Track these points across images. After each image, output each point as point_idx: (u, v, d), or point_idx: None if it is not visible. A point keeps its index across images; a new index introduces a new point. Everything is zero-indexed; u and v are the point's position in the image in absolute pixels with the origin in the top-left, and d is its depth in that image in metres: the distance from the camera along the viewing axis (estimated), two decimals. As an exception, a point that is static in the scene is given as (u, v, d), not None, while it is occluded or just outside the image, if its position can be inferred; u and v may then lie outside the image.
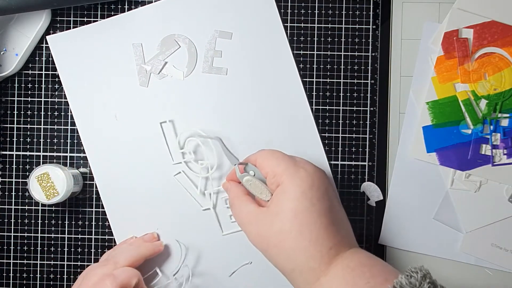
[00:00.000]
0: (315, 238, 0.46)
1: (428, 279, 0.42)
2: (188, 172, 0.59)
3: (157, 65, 0.59)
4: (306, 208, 0.47)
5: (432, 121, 0.58)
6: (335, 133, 0.60)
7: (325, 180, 0.50)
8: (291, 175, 0.48)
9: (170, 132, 0.59)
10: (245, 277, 0.59)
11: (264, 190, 0.51)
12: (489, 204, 0.58)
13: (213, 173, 0.58)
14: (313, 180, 0.48)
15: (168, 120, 0.59)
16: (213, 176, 0.59)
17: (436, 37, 0.59)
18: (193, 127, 0.59)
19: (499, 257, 0.58)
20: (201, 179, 0.59)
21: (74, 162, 0.60)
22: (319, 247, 0.46)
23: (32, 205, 0.60)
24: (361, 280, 0.44)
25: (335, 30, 0.60)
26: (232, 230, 0.59)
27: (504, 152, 0.58)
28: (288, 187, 0.48)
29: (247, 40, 0.59)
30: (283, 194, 0.48)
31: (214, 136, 0.56)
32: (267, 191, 0.50)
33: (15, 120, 0.60)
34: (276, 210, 0.48)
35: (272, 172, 0.49)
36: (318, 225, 0.47)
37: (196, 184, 0.59)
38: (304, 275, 0.46)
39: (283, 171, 0.49)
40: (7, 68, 0.59)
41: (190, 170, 0.59)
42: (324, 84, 0.60)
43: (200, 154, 0.59)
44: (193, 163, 0.59)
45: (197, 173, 0.59)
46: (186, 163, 0.59)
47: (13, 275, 0.59)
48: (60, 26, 0.60)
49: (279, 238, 0.47)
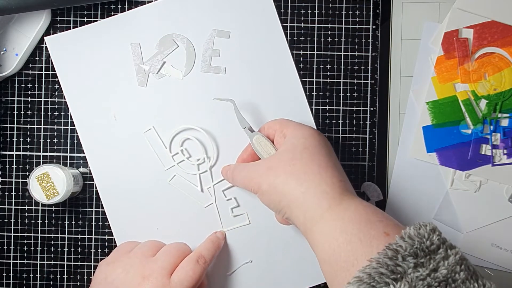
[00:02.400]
0: (325, 166, 0.47)
1: (437, 232, 0.41)
2: (185, 173, 0.59)
3: (156, 64, 0.59)
4: (315, 145, 0.49)
5: (432, 121, 0.58)
6: (335, 133, 0.60)
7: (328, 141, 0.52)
8: (299, 125, 0.52)
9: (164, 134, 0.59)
10: (245, 276, 0.59)
11: (273, 150, 0.53)
12: (489, 204, 0.58)
13: (213, 167, 0.59)
14: (319, 132, 0.52)
15: (153, 127, 0.59)
16: (213, 169, 0.59)
17: (436, 37, 0.59)
18: (190, 126, 0.59)
19: (499, 257, 0.58)
20: (198, 176, 0.59)
21: (74, 162, 0.60)
22: (330, 173, 0.47)
23: (32, 205, 0.60)
24: (374, 217, 0.43)
25: (335, 30, 0.60)
26: (233, 226, 0.59)
27: (504, 152, 0.58)
28: (296, 132, 0.50)
29: (245, 39, 0.59)
30: (292, 136, 0.50)
31: (228, 98, 0.56)
32: (275, 148, 0.53)
33: (15, 120, 0.60)
34: (286, 147, 0.50)
35: (280, 128, 0.52)
36: (327, 159, 0.48)
37: (196, 184, 0.59)
38: (315, 199, 0.45)
39: (290, 125, 0.52)
40: (7, 68, 0.59)
41: (185, 170, 0.59)
42: (324, 84, 0.60)
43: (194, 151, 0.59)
44: (187, 162, 0.59)
45: (193, 173, 0.59)
46: (179, 163, 0.59)
47: (13, 275, 0.60)
48: (60, 26, 0.60)
49: (290, 163, 0.48)
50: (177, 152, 0.59)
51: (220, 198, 0.59)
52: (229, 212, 0.59)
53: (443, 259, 0.40)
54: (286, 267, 0.59)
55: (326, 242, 0.43)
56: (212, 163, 0.59)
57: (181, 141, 0.59)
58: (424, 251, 0.40)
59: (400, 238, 0.40)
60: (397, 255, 0.39)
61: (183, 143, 0.59)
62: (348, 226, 0.43)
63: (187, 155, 0.59)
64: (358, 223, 0.43)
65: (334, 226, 0.43)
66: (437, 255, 0.40)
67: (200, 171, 0.59)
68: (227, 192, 0.59)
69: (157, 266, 0.51)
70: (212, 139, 0.59)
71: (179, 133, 0.59)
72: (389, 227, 0.42)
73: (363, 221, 0.43)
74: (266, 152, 0.53)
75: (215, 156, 0.59)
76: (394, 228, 0.42)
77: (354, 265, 0.40)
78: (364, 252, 0.40)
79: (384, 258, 0.39)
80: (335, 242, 0.42)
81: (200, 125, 0.59)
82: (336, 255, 0.42)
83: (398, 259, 0.39)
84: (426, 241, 0.40)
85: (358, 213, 0.44)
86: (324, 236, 0.44)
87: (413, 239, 0.40)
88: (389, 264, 0.39)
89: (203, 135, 0.59)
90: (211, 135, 0.59)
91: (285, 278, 0.59)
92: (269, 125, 0.54)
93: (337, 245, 0.42)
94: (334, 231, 0.43)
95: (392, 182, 0.59)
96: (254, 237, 0.59)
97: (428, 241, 0.40)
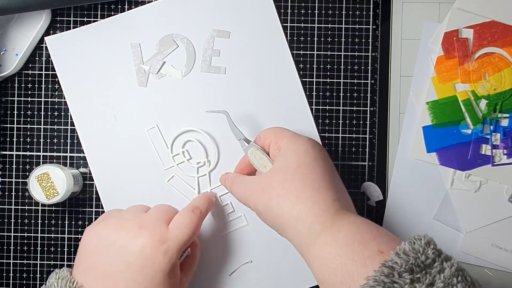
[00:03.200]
0: (318, 187, 0.47)
1: (432, 245, 0.41)
2: (184, 174, 0.59)
3: (156, 64, 0.59)
4: (309, 162, 0.48)
5: (432, 121, 0.58)
6: (335, 133, 0.60)
7: (324, 150, 0.51)
8: (294, 138, 0.50)
9: (165, 134, 0.59)
10: (245, 276, 0.59)
11: (268, 163, 0.52)
12: (489, 204, 0.58)
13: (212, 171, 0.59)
14: (314, 144, 0.50)
15: (157, 125, 0.59)
16: (213, 173, 0.59)
17: (436, 37, 0.59)
18: (190, 127, 0.59)
19: (499, 257, 0.58)
20: (197, 179, 0.59)
21: (74, 162, 0.60)
22: (323, 195, 0.46)
23: (32, 205, 0.60)
24: (368, 235, 0.43)
25: (335, 30, 0.60)
26: (233, 228, 0.59)
27: (504, 152, 0.58)
28: (291, 146, 0.49)
29: (245, 39, 0.59)
30: (285, 151, 0.49)
31: (222, 110, 0.56)
32: (271, 164, 0.51)
33: (15, 120, 0.60)
34: (279, 165, 0.49)
35: (275, 139, 0.51)
36: (321, 177, 0.47)
37: (193, 186, 0.59)
38: (308, 224, 0.45)
39: (285, 136, 0.50)
40: (7, 68, 0.59)
41: (184, 172, 0.59)
42: (324, 84, 0.60)
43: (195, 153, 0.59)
44: (187, 164, 0.59)
45: (192, 176, 0.59)
46: (178, 164, 0.59)
47: (13, 275, 0.60)
48: (60, 26, 0.60)
49: (282, 186, 0.47)
50: (178, 153, 0.59)
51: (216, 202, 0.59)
52: (228, 217, 0.59)
53: (438, 273, 0.40)
54: (286, 267, 0.59)
55: (321, 265, 0.44)
56: (212, 167, 0.59)
57: (183, 143, 0.59)
58: (419, 266, 0.40)
59: (395, 255, 0.40)
60: (393, 272, 0.39)
61: (185, 145, 0.59)
62: (342, 248, 0.43)
63: (188, 157, 0.59)
64: (351, 244, 0.43)
65: (328, 250, 0.43)
66: (433, 269, 0.40)
67: (199, 174, 0.59)
68: (223, 197, 0.59)
69: (152, 218, 0.50)
70: (214, 142, 0.59)
71: (182, 134, 0.59)
72: (383, 245, 0.42)
73: (356, 241, 0.43)
74: (262, 165, 0.52)
75: (215, 160, 0.59)
76: (388, 244, 0.42)
77: (351, 286, 0.41)
78: (360, 273, 0.41)
79: (381, 276, 0.39)
80: (331, 265, 0.43)
81: (200, 125, 0.59)
82: (333, 276, 0.42)
83: (395, 276, 0.39)
84: (421, 255, 0.40)
85: (351, 234, 0.44)
86: (319, 259, 0.44)
87: (408, 255, 0.40)
88: (385, 281, 0.39)
89: (205, 137, 0.59)
90: (213, 138, 0.59)
91: (285, 278, 0.59)
92: (265, 134, 0.53)
93: (333, 267, 0.42)
94: (328, 254, 0.43)
95: (392, 182, 0.59)
96: (253, 238, 0.59)
97: (423, 256, 0.40)
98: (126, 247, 0.48)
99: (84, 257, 0.50)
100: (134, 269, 0.47)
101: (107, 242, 0.49)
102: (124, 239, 0.48)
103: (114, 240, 0.49)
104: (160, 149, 0.59)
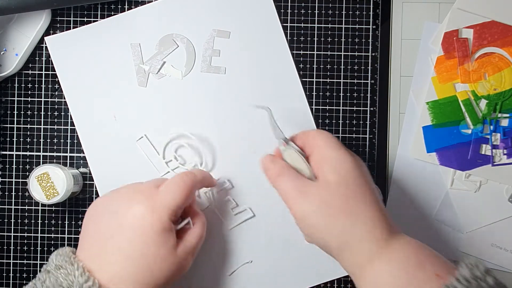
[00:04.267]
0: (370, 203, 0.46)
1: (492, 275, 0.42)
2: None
3: (156, 65, 0.59)
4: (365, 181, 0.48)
5: (432, 121, 0.58)
6: (335, 133, 0.60)
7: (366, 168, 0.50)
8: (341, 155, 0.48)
9: (164, 134, 0.59)
10: (245, 276, 0.59)
11: (305, 167, 0.50)
12: (489, 204, 0.58)
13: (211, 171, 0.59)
14: (358, 162, 0.49)
15: (145, 135, 0.59)
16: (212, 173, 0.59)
17: (436, 37, 0.59)
18: (190, 127, 0.59)
19: (499, 257, 0.58)
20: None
21: (74, 162, 0.60)
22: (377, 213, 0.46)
23: (32, 205, 0.60)
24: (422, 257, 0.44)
25: (335, 30, 0.60)
26: (237, 222, 0.59)
27: (504, 152, 0.58)
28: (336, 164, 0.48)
29: (245, 39, 0.59)
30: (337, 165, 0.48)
31: (265, 106, 0.54)
32: (308, 168, 0.50)
33: (15, 120, 0.60)
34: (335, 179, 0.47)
35: (318, 149, 0.49)
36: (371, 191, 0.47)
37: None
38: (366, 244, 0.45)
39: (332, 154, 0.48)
40: (7, 68, 0.59)
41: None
42: (324, 84, 0.60)
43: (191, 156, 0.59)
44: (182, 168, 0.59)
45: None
46: (174, 170, 0.59)
47: (13, 275, 0.60)
48: (60, 26, 0.60)
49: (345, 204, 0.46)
50: (170, 159, 0.59)
51: (218, 199, 0.59)
52: (227, 217, 0.59)
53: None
54: (286, 267, 0.59)
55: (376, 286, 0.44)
56: (209, 167, 0.59)
57: (175, 148, 0.59)
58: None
59: (456, 280, 0.41)
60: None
61: (177, 150, 0.59)
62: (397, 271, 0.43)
63: (181, 161, 0.59)
64: (406, 266, 0.43)
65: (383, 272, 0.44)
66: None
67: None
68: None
69: (148, 183, 0.51)
70: (207, 143, 0.58)
71: (171, 141, 0.59)
72: (439, 268, 0.43)
73: (412, 263, 0.43)
74: (299, 168, 0.50)
75: (212, 160, 0.59)
76: (444, 268, 0.43)
77: None
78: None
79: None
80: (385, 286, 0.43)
81: (200, 125, 0.59)
82: None
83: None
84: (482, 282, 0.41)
85: (406, 256, 0.44)
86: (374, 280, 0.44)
87: (469, 281, 0.41)
88: None
89: (196, 140, 0.58)
90: (206, 140, 0.58)
91: (285, 278, 0.59)
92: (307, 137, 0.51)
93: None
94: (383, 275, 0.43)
95: (392, 182, 0.59)
96: (253, 238, 0.59)
97: (484, 283, 0.41)
98: (118, 211, 0.49)
99: (82, 230, 0.51)
100: (127, 230, 0.48)
101: (102, 209, 0.50)
102: (118, 203, 0.50)
103: (108, 206, 0.50)
104: (159, 149, 0.59)
